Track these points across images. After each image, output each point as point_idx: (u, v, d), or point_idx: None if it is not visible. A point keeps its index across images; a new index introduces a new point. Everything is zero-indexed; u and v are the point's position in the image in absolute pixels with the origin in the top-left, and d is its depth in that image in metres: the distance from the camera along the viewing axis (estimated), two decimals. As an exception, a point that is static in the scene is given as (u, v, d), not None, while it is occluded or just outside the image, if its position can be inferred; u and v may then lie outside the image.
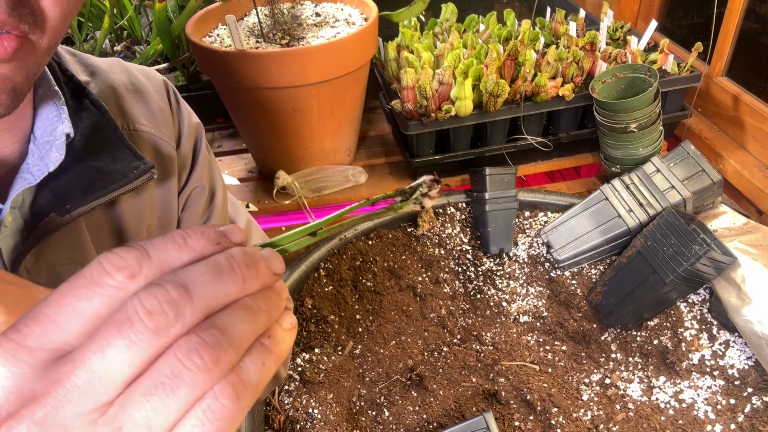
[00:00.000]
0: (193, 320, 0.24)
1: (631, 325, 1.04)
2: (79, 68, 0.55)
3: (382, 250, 1.17)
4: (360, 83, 1.22)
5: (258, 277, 0.26)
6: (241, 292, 0.26)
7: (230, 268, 0.25)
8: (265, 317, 0.26)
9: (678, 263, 0.95)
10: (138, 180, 0.50)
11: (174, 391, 0.23)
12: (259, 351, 0.26)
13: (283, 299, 0.28)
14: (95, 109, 0.51)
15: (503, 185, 1.17)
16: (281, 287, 0.28)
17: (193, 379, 0.23)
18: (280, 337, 0.27)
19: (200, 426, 0.23)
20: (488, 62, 1.20)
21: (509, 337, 1.06)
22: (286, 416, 0.89)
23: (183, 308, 0.23)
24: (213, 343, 0.23)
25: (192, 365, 0.23)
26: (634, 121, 1.15)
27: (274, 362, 0.26)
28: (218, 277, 0.25)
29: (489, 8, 1.63)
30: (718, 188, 1.13)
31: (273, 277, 0.27)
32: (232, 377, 0.24)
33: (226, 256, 0.26)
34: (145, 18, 1.56)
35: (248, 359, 0.25)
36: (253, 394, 0.25)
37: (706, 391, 0.95)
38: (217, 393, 0.24)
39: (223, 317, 0.25)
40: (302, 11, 1.24)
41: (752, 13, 1.34)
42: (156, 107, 0.59)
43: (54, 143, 0.46)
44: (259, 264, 0.26)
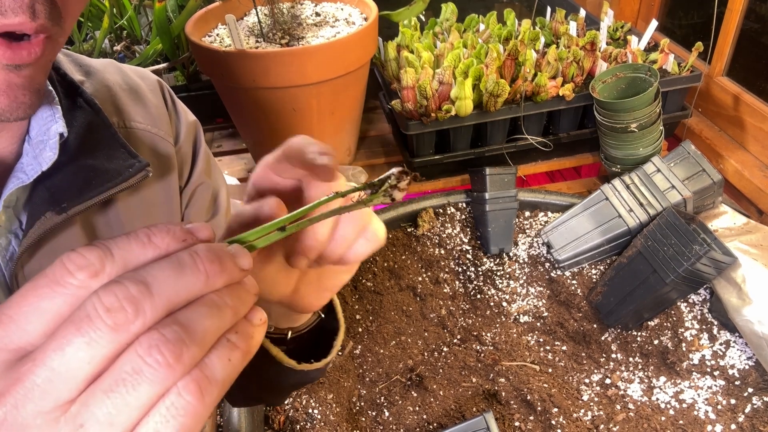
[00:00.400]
0: (153, 316, 0.24)
1: (631, 325, 1.04)
2: (74, 68, 0.55)
3: (382, 250, 1.17)
4: (360, 83, 1.22)
5: (223, 273, 0.26)
6: (205, 288, 0.26)
7: (192, 264, 0.25)
8: (231, 313, 0.26)
9: (678, 263, 0.95)
10: (133, 178, 0.50)
11: (135, 388, 0.23)
12: (225, 347, 0.26)
13: (252, 295, 0.28)
14: (89, 107, 0.51)
15: (503, 185, 1.17)
16: (251, 283, 0.28)
17: (153, 376, 0.23)
18: (248, 333, 0.27)
19: (164, 422, 0.23)
20: (488, 62, 1.20)
21: (509, 337, 1.06)
22: (286, 416, 0.89)
23: (142, 304, 0.23)
24: (174, 339, 0.23)
25: (153, 361, 0.23)
26: (635, 121, 1.15)
27: (241, 358, 0.26)
28: (179, 273, 0.25)
29: (489, 8, 1.63)
30: (719, 188, 1.13)
31: (240, 273, 0.27)
32: (196, 373, 0.24)
33: (189, 253, 0.26)
34: (144, 18, 1.56)
35: (213, 355, 0.25)
36: (219, 390, 0.25)
37: (706, 391, 0.95)
38: (181, 389, 0.24)
39: (186, 313, 0.25)
40: (302, 11, 1.24)
41: (752, 12, 1.34)
42: (151, 105, 0.60)
43: (48, 143, 0.46)
44: (224, 260, 0.26)
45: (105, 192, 0.48)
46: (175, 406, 0.24)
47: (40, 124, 0.47)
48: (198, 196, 0.66)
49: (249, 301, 0.28)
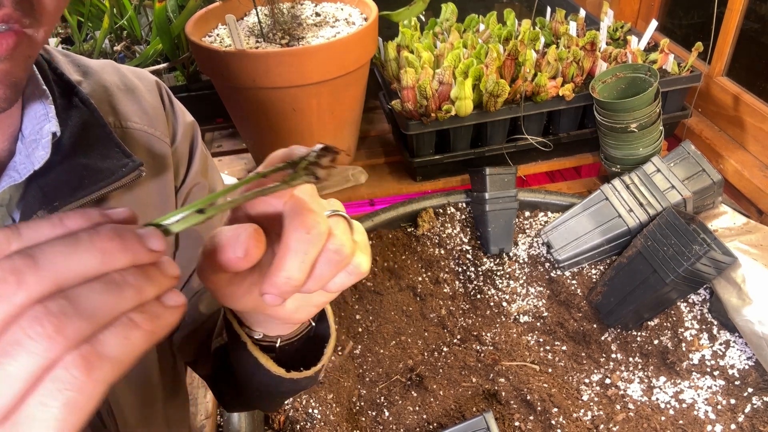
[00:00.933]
0: (38, 289, 0.24)
1: (631, 325, 1.04)
2: (72, 68, 0.55)
3: (382, 250, 1.17)
4: (360, 83, 1.22)
5: (124, 252, 0.26)
6: (102, 265, 0.26)
7: (89, 242, 0.25)
8: (133, 292, 0.26)
9: (678, 263, 0.95)
10: (126, 177, 0.50)
11: (15, 358, 0.23)
12: (124, 325, 0.26)
13: (168, 277, 0.28)
14: (84, 107, 0.51)
15: (503, 185, 1.17)
16: (168, 265, 0.28)
17: (33, 347, 0.23)
18: (155, 313, 0.27)
19: (49, 395, 0.24)
20: (488, 62, 1.20)
21: (509, 337, 1.06)
22: (286, 416, 0.89)
23: (25, 276, 0.24)
24: (57, 312, 0.24)
25: (33, 332, 0.23)
26: (635, 121, 1.15)
27: (143, 337, 0.26)
28: (72, 249, 0.25)
29: (489, 8, 1.63)
30: (719, 188, 1.13)
31: (148, 254, 0.27)
32: (85, 348, 0.24)
33: (88, 232, 0.26)
34: (144, 18, 1.56)
35: (109, 332, 0.25)
36: (112, 367, 0.25)
37: (706, 391, 0.95)
38: (67, 363, 0.24)
39: (78, 289, 0.25)
40: (302, 11, 1.24)
41: (752, 12, 1.34)
42: (148, 105, 0.60)
43: (40, 141, 0.46)
44: (127, 239, 0.26)
45: (97, 191, 0.48)
46: (60, 379, 0.24)
47: (33, 123, 0.47)
48: (193, 197, 0.66)
49: (161, 282, 0.27)
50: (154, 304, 0.27)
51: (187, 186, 0.65)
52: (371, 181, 1.31)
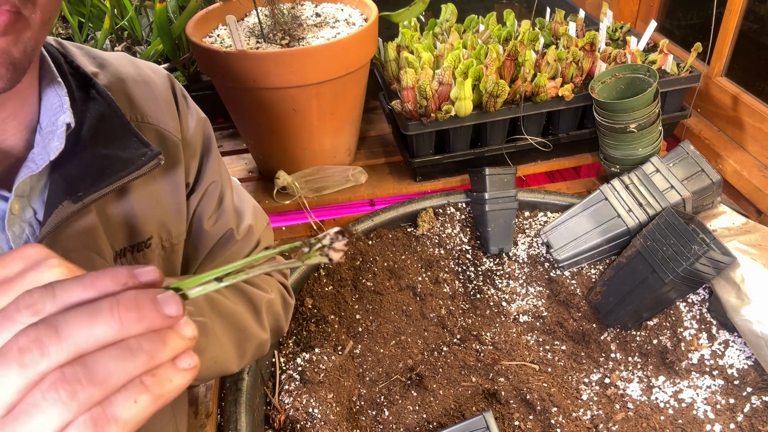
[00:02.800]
0: (59, 358, 0.27)
1: (630, 325, 1.05)
2: (87, 60, 0.56)
3: (382, 250, 1.17)
4: (360, 83, 1.22)
5: (141, 321, 0.29)
6: (120, 333, 0.28)
7: (109, 312, 0.28)
8: (146, 357, 0.28)
9: (677, 263, 0.96)
10: (146, 166, 0.51)
11: (34, 418, 0.26)
12: (135, 388, 0.28)
13: (185, 339, 0.30)
14: (102, 99, 0.52)
15: (503, 185, 1.18)
16: (185, 329, 0.30)
17: (49, 409, 0.26)
18: (167, 376, 0.29)
19: None
20: (488, 62, 1.20)
21: (509, 337, 1.06)
22: (286, 416, 0.89)
23: (48, 347, 0.27)
24: (72, 380, 0.27)
25: (50, 397, 0.27)
26: (634, 121, 1.15)
27: (152, 401, 0.29)
28: (91, 320, 0.28)
29: (489, 8, 1.63)
30: (718, 188, 1.13)
31: (164, 319, 0.29)
32: (96, 411, 0.27)
33: (109, 301, 0.28)
34: (145, 18, 1.56)
35: (120, 395, 0.28)
36: (119, 428, 0.28)
37: (705, 390, 0.95)
38: (81, 423, 0.27)
39: (94, 356, 0.28)
40: (302, 11, 1.24)
41: (751, 13, 1.34)
42: (162, 99, 0.61)
43: (55, 132, 0.47)
44: (144, 308, 0.29)
45: (119, 180, 0.50)
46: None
47: (49, 114, 0.48)
48: (210, 195, 0.68)
49: (177, 344, 0.30)
50: (167, 366, 0.30)
51: (205, 183, 0.66)
52: (371, 181, 1.31)
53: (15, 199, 0.46)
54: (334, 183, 1.27)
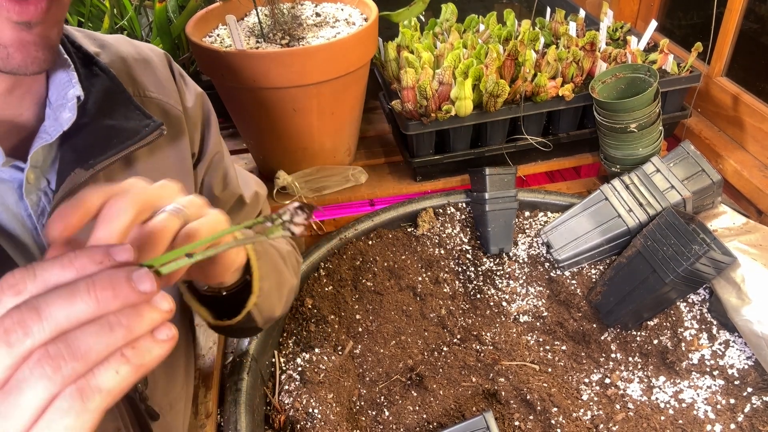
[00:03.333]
0: (42, 336, 0.30)
1: (630, 325, 1.05)
2: (89, 42, 0.60)
3: (382, 250, 1.17)
4: (360, 83, 1.22)
5: (117, 298, 0.31)
6: (98, 310, 0.30)
7: (85, 291, 0.30)
8: (125, 331, 0.31)
9: (678, 263, 0.95)
10: (150, 136, 0.55)
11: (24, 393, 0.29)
12: (117, 360, 0.31)
13: (162, 312, 0.32)
14: (104, 75, 0.56)
15: (503, 185, 1.18)
16: (162, 302, 0.32)
17: (36, 384, 0.29)
18: (146, 348, 0.32)
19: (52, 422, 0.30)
20: (488, 62, 1.20)
21: (509, 337, 1.06)
22: (286, 416, 0.89)
23: (30, 327, 0.29)
24: (55, 355, 0.29)
25: (37, 373, 0.29)
26: (634, 121, 1.15)
27: (132, 371, 0.31)
28: (70, 300, 0.30)
29: (489, 8, 1.63)
30: (718, 188, 1.13)
31: (139, 295, 0.31)
32: (81, 382, 0.30)
33: (86, 281, 0.31)
34: (145, 18, 1.56)
35: (102, 367, 0.31)
36: (103, 397, 0.31)
37: (705, 390, 0.95)
38: (66, 395, 0.30)
39: (75, 333, 0.30)
40: (302, 11, 1.24)
41: (752, 13, 1.34)
42: (161, 75, 0.65)
43: (66, 105, 0.51)
44: (118, 286, 0.31)
45: (126, 148, 0.53)
46: (61, 409, 0.30)
47: (58, 89, 0.52)
48: (216, 165, 0.72)
49: (153, 318, 0.32)
50: (146, 338, 0.32)
51: (210, 154, 0.71)
52: (371, 181, 1.31)
53: (30, 168, 0.49)
54: (334, 183, 1.27)
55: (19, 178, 0.49)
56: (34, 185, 0.50)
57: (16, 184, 0.49)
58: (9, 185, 0.49)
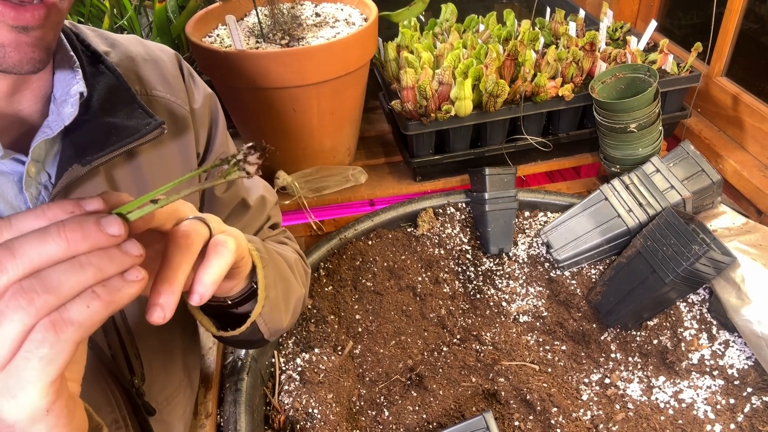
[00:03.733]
0: (17, 273, 0.32)
1: (630, 325, 1.05)
2: (100, 41, 0.61)
3: (382, 250, 1.17)
4: (360, 83, 1.22)
5: (86, 239, 0.33)
6: (68, 250, 0.33)
7: (56, 233, 0.33)
8: (95, 269, 0.33)
9: (677, 263, 0.95)
10: (150, 134, 0.56)
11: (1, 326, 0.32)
12: (88, 296, 0.33)
13: (131, 256, 0.35)
14: (110, 73, 0.57)
15: (503, 185, 1.18)
16: (130, 246, 0.35)
17: (13, 316, 0.32)
18: (116, 286, 0.34)
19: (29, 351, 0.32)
20: (488, 62, 1.20)
21: (509, 337, 1.06)
22: (286, 416, 0.89)
23: (5, 265, 0.32)
24: (28, 289, 0.32)
25: (12, 306, 0.32)
26: (634, 121, 1.15)
27: (103, 306, 0.34)
28: (41, 240, 0.32)
29: (489, 8, 1.63)
30: (718, 188, 1.13)
31: (108, 239, 0.34)
32: (54, 315, 0.33)
33: (57, 224, 0.33)
34: (145, 18, 1.56)
35: (74, 302, 0.33)
36: (76, 329, 0.33)
37: (705, 390, 0.95)
38: (40, 327, 0.32)
39: (48, 270, 0.33)
40: (302, 11, 1.24)
41: (752, 13, 1.34)
42: (170, 75, 0.66)
43: (69, 100, 0.52)
44: (87, 228, 0.33)
45: (124, 146, 0.54)
46: (36, 339, 0.32)
47: (63, 85, 0.53)
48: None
49: (123, 260, 0.34)
50: (116, 279, 0.34)
51: (214, 155, 0.72)
52: (371, 181, 1.31)
53: (31, 162, 0.50)
54: (334, 183, 1.27)
55: (19, 171, 0.50)
56: (34, 179, 0.51)
57: (16, 177, 0.51)
58: (9, 178, 0.50)
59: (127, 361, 0.61)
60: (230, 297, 0.58)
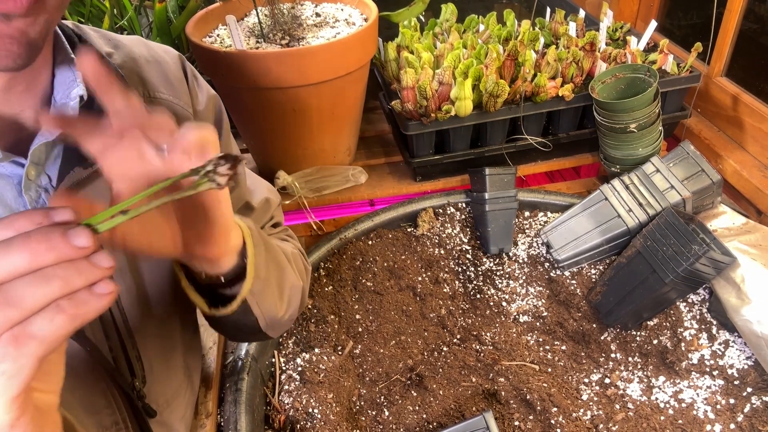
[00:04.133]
0: None
1: (630, 325, 1.05)
2: (103, 42, 0.61)
3: (382, 250, 1.17)
4: (360, 83, 1.22)
5: (51, 251, 0.32)
6: (33, 263, 0.32)
7: (20, 244, 0.32)
8: (60, 282, 0.32)
9: (677, 263, 0.96)
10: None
11: None
12: (52, 310, 0.32)
13: (99, 268, 0.33)
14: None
15: (503, 185, 1.18)
16: (99, 258, 0.34)
17: None
18: (82, 300, 0.33)
19: None
20: (488, 62, 1.20)
21: (509, 337, 1.06)
22: (286, 416, 0.89)
23: None
24: None
25: None
26: (634, 121, 1.15)
27: (67, 320, 0.33)
28: (5, 253, 0.31)
29: (489, 8, 1.63)
30: (718, 188, 1.13)
31: (75, 251, 0.33)
32: (17, 329, 0.32)
33: (22, 235, 0.32)
34: (145, 18, 1.56)
35: (37, 316, 0.32)
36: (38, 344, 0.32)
37: (705, 390, 0.95)
38: (3, 340, 0.31)
39: (11, 283, 0.32)
40: (302, 11, 1.24)
41: (751, 13, 1.34)
42: (173, 77, 0.65)
43: (69, 104, 0.52)
44: (53, 239, 0.32)
45: None
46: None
47: (63, 88, 0.52)
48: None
49: (92, 273, 0.33)
50: (84, 292, 0.33)
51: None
52: (371, 181, 1.31)
53: (30, 165, 0.50)
54: (334, 183, 1.27)
55: (18, 173, 0.50)
56: (33, 182, 0.51)
57: (15, 180, 0.50)
58: (8, 181, 0.50)
59: (128, 363, 0.61)
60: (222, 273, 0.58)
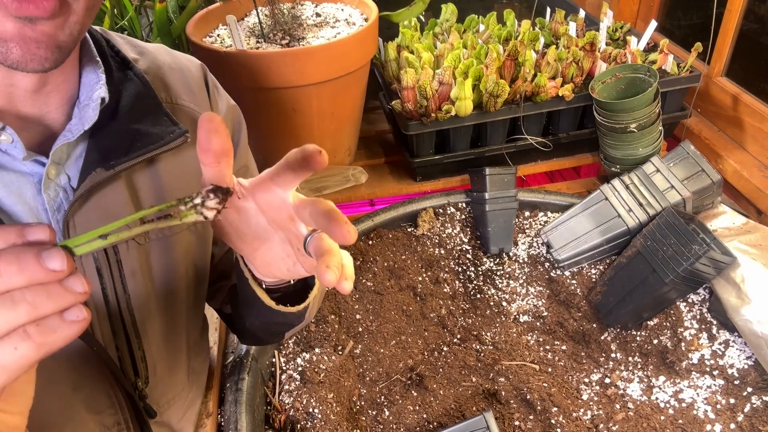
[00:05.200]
0: None
1: (630, 325, 1.05)
2: (129, 48, 0.62)
3: (382, 250, 1.17)
4: (360, 83, 1.22)
5: (21, 273, 0.30)
6: (2, 285, 0.30)
7: None
8: (28, 307, 0.30)
9: (677, 263, 0.96)
10: (173, 142, 0.56)
11: None
12: (17, 336, 0.30)
13: (72, 293, 0.31)
14: (138, 80, 0.57)
15: (503, 185, 1.18)
16: (73, 282, 0.32)
17: None
18: (51, 327, 0.31)
19: None
20: (488, 62, 1.20)
21: (509, 337, 1.06)
22: (286, 416, 0.89)
23: None
24: None
25: None
26: (634, 121, 1.15)
27: (33, 348, 0.31)
28: None
29: (489, 8, 1.63)
30: (718, 188, 1.13)
31: (47, 274, 0.30)
32: None
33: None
34: (145, 18, 1.56)
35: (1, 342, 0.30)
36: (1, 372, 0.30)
37: (705, 390, 0.95)
38: None
39: None
40: (302, 11, 1.24)
41: (752, 13, 1.34)
42: (195, 85, 0.66)
43: (91, 105, 0.52)
44: (24, 261, 0.30)
45: (147, 153, 0.55)
46: None
47: (87, 90, 0.53)
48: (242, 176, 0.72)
49: (63, 298, 0.31)
50: (53, 318, 0.31)
51: (236, 166, 0.71)
52: (371, 181, 1.31)
53: (51, 164, 0.51)
54: (334, 183, 1.27)
55: (39, 172, 0.51)
56: (53, 181, 0.51)
57: (36, 179, 0.51)
58: (29, 179, 0.51)
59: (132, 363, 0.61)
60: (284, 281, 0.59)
